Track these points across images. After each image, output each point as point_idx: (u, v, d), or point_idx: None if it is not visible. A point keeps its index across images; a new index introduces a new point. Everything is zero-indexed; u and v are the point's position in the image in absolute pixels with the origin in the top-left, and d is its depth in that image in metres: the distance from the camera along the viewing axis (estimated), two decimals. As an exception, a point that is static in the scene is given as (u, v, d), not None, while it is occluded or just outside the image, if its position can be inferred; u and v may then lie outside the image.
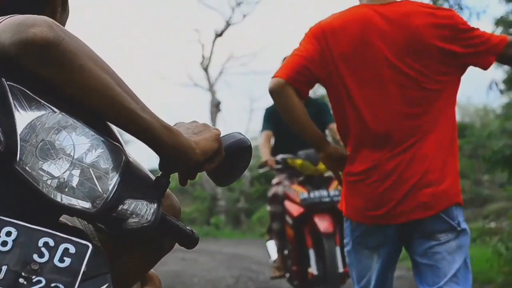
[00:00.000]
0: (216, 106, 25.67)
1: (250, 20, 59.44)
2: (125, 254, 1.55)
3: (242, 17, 28.45)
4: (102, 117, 1.22)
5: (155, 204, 1.26)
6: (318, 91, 17.15)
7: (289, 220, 5.80)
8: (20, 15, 1.18)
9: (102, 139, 1.20)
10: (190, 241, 1.45)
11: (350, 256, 3.07)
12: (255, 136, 30.72)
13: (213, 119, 25.49)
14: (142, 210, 1.24)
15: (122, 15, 49.66)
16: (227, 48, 48.50)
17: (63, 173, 1.15)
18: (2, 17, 1.23)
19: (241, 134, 1.46)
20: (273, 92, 2.93)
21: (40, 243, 1.08)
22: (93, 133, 1.19)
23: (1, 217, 1.08)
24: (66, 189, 1.15)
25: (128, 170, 1.22)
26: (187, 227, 1.44)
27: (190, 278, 8.70)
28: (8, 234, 1.07)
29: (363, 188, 2.92)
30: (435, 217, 2.82)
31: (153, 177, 1.30)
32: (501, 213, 13.05)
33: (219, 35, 27.22)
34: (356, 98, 2.87)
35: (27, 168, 1.13)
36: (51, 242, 1.09)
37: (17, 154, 1.11)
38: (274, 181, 6.35)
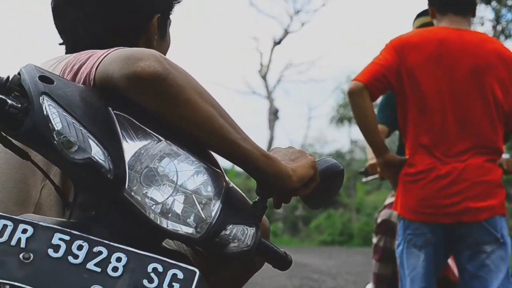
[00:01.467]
0: (274, 114, 25.77)
1: (308, 28, 59.26)
2: (216, 273, 1.58)
3: (301, 25, 28.66)
4: (205, 146, 1.25)
5: (254, 229, 1.28)
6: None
7: None
8: (127, 48, 1.22)
9: (204, 166, 1.22)
10: (284, 264, 1.47)
11: (401, 256, 3.27)
12: (312, 143, 30.78)
13: (271, 126, 25.58)
14: (242, 234, 1.26)
15: (180, 23, 50.08)
16: (285, 56, 48.56)
17: (167, 198, 1.18)
18: (107, 49, 1.27)
19: (333, 159, 1.47)
20: (352, 93, 3.19)
21: (149, 268, 1.11)
22: (195, 160, 1.21)
23: (111, 243, 1.11)
24: (170, 215, 1.18)
25: (229, 196, 1.24)
26: (281, 250, 1.46)
27: (252, 286, 8.73)
28: (118, 260, 1.10)
29: (418, 188, 3.15)
30: (481, 226, 3.07)
31: (249, 202, 1.33)
32: None
33: (277, 43, 27.41)
34: (425, 108, 3.15)
35: (133, 194, 1.15)
36: (160, 268, 1.11)
37: (125, 182, 1.14)
38: (388, 200, 4.23)
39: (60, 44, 1.70)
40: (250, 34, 52.67)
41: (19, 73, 1.18)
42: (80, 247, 1.10)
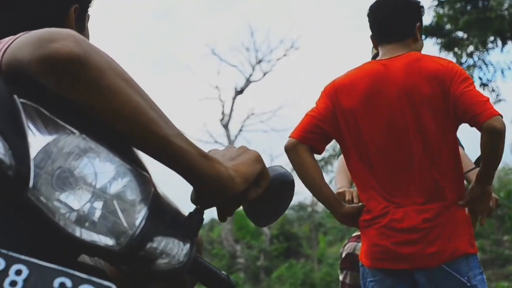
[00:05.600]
0: (235, 163, 25.64)
1: (270, 78, 59.82)
2: None
3: (262, 75, 28.70)
4: (130, 143, 1.07)
5: (188, 244, 1.10)
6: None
7: None
8: (40, 29, 1.04)
9: (128, 167, 1.04)
10: None
11: None
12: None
13: (233, 175, 25.42)
14: (173, 249, 1.07)
15: (143, 70, 50.15)
16: (247, 105, 48.92)
17: (83, 205, 0.99)
18: (18, 34, 1.09)
19: (283, 167, 1.29)
20: (287, 151, 3.09)
21: (56, 283, 0.91)
22: (118, 159, 1.03)
23: (10, 253, 0.92)
24: (87, 224, 0.99)
25: (157, 203, 1.06)
26: (222, 272, 1.27)
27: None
28: (18, 273, 0.91)
29: (372, 232, 2.97)
30: (441, 271, 2.82)
31: (184, 213, 1.14)
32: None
33: (239, 92, 27.47)
34: (368, 152, 2.97)
35: (41, 198, 0.97)
36: (68, 283, 0.92)
37: (29, 180, 0.96)
38: (355, 233, 3.95)
39: None
40: (212, 83, 52.90)
41: None
42: (-29, 258, 0.91)
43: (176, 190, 1.27)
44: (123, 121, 1.02)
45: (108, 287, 0.94)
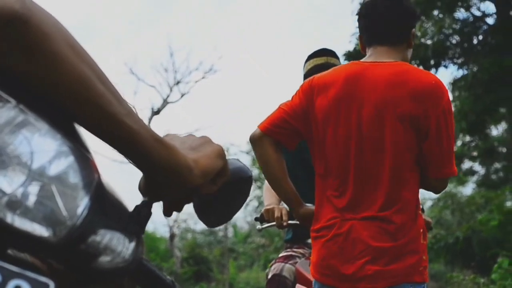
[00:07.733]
0: (150, 184, 25.36)
1: (187, 100, 59.71)
2: None
3: (180, 96, 28.50)
4: (73, 119, 0.92)
5: (134, 241, 0.96)
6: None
7: None
8: None
9: (71, 146, 0.89)
10: None
11: None
12: (186, 218, 30.54)
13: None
14: (118, 246, 0.92)
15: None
16: (163, 126, 48.75)
17: (16, 189, 0.83)
18: None
19: (240, 161, 1.17)
20: (251, 141, 2.95)
21: (-19, 277, 0.77)
22: (60, 137, 0.88)
23: None
24: (19, 210, 0.83)
25: (101, 192, 0.91)
26: (167, 277, 1.13)
27: None
28: None
29: (319, 245, 2.82)
30: None
31: (129, 207, 1.00)
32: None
33: (156, 113, 27.16)
34: (326, 156, 2.81)
35: None
36: (-4, 277, 0.77)
37: None
38: (282, 253, 3.85)
39: None
40: (129, 102, 52.54)
41: None
42: None
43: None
44: (67, 94, 0.87)
45: (45, 284, 0.79)
